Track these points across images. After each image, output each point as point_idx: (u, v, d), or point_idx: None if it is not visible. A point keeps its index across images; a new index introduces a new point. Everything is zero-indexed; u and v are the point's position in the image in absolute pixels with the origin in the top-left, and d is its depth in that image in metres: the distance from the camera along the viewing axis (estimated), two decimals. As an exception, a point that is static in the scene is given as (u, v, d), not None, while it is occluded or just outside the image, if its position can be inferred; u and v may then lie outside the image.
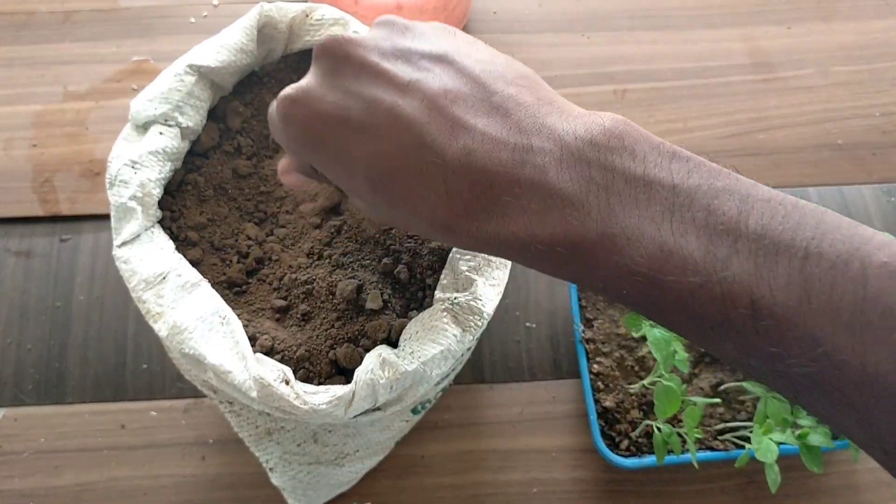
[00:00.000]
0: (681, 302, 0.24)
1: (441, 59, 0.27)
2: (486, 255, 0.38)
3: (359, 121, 0.27)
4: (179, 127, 0.40)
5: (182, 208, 0.41)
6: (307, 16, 0.43)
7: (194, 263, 0.39)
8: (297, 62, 0.45)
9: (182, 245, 0.40)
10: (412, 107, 0.26)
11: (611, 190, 0.24)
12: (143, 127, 0.39)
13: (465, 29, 0.67)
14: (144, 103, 0.39)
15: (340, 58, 0.28)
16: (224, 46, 0.41)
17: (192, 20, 0.67)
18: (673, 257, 0.23)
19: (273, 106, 0.30)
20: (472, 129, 0.26)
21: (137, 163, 0.38)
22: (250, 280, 0.41)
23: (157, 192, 0.38)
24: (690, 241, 0.23)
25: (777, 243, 0.23)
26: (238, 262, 0.41)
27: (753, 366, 0.24)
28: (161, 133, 0.39)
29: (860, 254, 0.22)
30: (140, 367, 0.53)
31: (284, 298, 0.40)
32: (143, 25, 0.66)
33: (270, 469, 0.45)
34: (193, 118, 0.41)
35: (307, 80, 0.29)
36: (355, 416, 0.35)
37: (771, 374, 0.24)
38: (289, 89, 0.29)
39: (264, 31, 0.42)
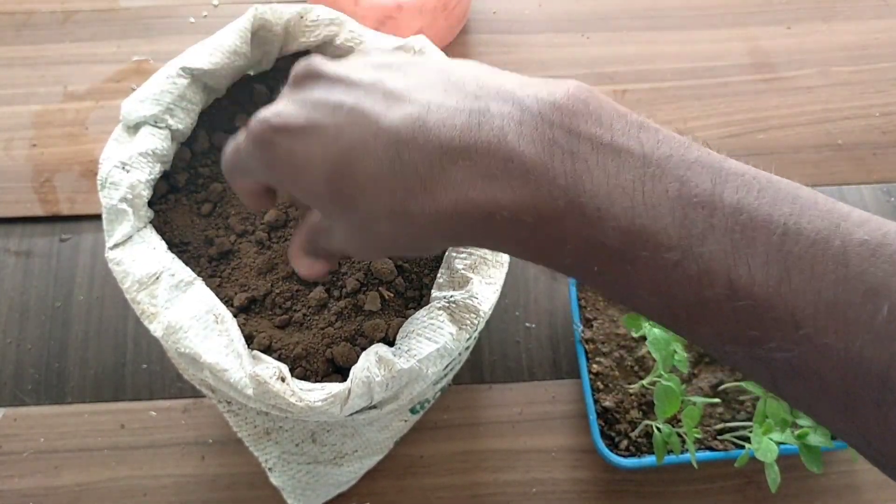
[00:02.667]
0: (654, 281, 0.22)
1: (404, 66, 0.27)
2: (482, 254, 0.38)
3: (322, 125, 0.26)
4: (169, 129, 0.40)
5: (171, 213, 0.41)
6: (302, 17, 0.43)
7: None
8: (294, 64, 0.45)
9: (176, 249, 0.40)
10: (373, 100, 0.26)
11: (577, 156, 0.23)
12: (134, 128, 0.39)
13: (465, 29, 0.68)
14: (135, 104, 0.39)
15: (313, 76, 0.28)
16: (218, 49, 0.41)
17: (192, 20, 0.67)
18: (646, 231, 0.22)
19: (239, 138, 0.30)
20: (425, 103, 0.25)
21: (127, 164, 0.38)
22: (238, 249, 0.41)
23: (147, 193, 0.38)
24: (664, 214, 0.22)
25: (754, 219, 0.22)
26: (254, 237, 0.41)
27: (730, 351, 0.23)
28: (152, 135, 0.39)
29: (840, 231, 0.21)
30: (140, 366, 0.53)
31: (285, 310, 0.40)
32: (143, 25, 0.66)
33: (269, 469, 0.45)
34: (184, 121, 0.41)
35: (279, 102, 0.29)
36: (352, 415, 0.35)
37: (748, 361, 0.23)
38: (261, 112, 0.28)
39: (259, 33, 0.42)
